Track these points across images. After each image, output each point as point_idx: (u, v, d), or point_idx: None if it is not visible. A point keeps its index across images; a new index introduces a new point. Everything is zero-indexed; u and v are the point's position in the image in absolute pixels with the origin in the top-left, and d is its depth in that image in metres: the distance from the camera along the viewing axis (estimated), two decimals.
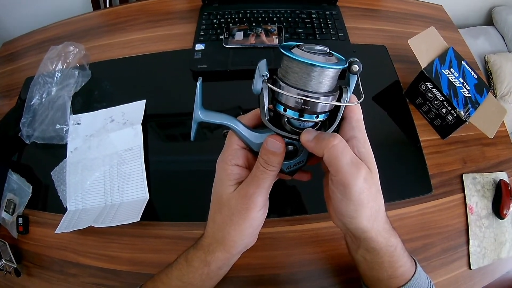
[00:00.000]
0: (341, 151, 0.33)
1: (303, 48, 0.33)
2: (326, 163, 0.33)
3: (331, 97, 0.33)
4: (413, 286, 0.42)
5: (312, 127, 0.36)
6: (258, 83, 0.34)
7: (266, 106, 0.35)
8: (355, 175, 0.33)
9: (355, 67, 0.34)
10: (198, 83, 0.35)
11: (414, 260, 0.45)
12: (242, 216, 0.36)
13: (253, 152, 0.38)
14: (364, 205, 0.34)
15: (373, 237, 0.37)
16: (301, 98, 0.32)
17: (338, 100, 0.35)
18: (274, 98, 0.35)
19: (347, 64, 0.34)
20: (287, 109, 0.34)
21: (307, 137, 0.34)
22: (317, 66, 0.32)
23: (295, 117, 0.34)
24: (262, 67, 0.34)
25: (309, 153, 0.38)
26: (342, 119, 0.37)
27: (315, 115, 0.34)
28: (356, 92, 0.36)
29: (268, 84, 0.34)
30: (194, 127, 0.36)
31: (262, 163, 0.35)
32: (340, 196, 0.34)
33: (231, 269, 0.45)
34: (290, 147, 0.37)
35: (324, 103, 0.33)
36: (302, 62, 0.32)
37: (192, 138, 0.37)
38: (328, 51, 0.34)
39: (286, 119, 0.36)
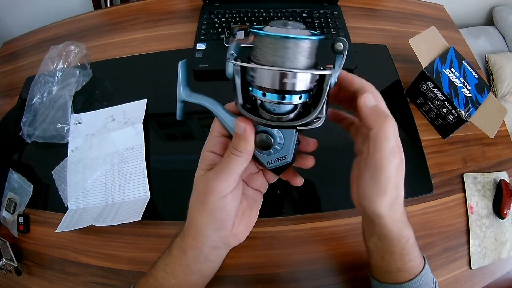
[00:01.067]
0: (392, 134, 0.33)
1: (274, 24, 0.31)
2: (371, 140, 0.34)
3: (311, 70, 0.31)
4: (420, 282, 0.42)
5: (291, 112, 0.33)
6: (229, 65, 0.32)
7: (238, 89, 0.33)
8: (391, 161, 0.33)
9: (339, 45, 0.32)
10: (180, 64, 0.35)
11: (424, 257, 0.45)
12: (202, 201, 0.36)
13: None
14: (387, 192, 0.34)
15: (387, 224, 0.37)
16: (279, 71, 0.30)
17: (320, 81, 0.32)
18: (251, 84, 0.33)
19: (323, 36, 0.31)
20: (266, 93, 0.31)
21: (369, 101, 0.34)
22: (290, 39, 0.29)
23: (275, 100, 0.31)
24: (232, 48, 0.33)
25: (296, 152, 0.37)
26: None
27: (298, 95, 0.31)
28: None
29: (238, 62, 0.31)
30: (178, 106, 0.37)
31: (230, 147, 0.35)
32: (369, 178, 0.35)
33: (231, 268, 0.45)
34: (263, 135, 0.34)
35: (304, 72, 0.30)
36: (274, 37, 0.29)
37: (177, 117, 0.37)
38: (303, 27, 0.31)
39: (259, 103, 0.34)
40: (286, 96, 0.31)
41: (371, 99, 0.35)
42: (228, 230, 0.38)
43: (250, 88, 0.33)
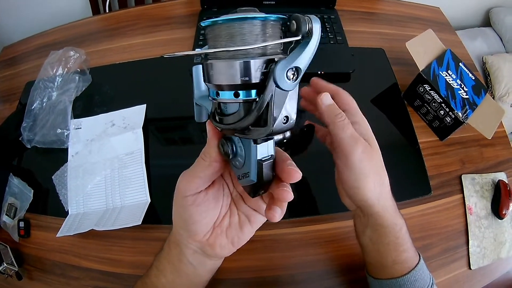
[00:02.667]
0: (345, 125, 0.38)
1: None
2: (331, 134, 0.39)
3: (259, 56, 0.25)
4: (416, 276, 0.43)
5: (236, 113, 0.28)
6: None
7: (194, 86, 0.31)
8: (354, 146, 0.38)
9: (293, 24, 0.25)
10: (194, 68, 0.33)
11: (419, 253, 0.46)
12: (174, 199, 0.36)
13: None
14: (365, 175, 0.39)
15: (379, 212, 0.41)
16: (193, 54, 0.27)
17: (267, 70, 0.25)
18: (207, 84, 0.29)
19: (273, 16, 0.25)
20: (210, 90, 0.28)
21: (325, 100, 0.40)
22: (218, 23, 0.25)
23: (213, 97, 0.28)
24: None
25: (267, 175, 0.30)
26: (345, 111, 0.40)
27: (233, 92, 0.26)
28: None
29: (184, 53, 0.27)
30: (195, 109, 0.35)
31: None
32: (343, 166, 0.39)
33: (232, 270, 0.45)
34: (222, 140, 0.31)
35: (250, 48, 0.25)
36: (217, 22, 0.25)
37: (196, 120, 0.36)
38: (255, 10, 0.26)
39: (216, 105, 0.30)
40: (220, 92, 0.27)
41: (328, 98, 0.40)
42: (197, 235, 0.37)
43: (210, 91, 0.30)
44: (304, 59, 0.25)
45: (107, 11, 1.33)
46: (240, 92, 0.26)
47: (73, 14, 1.35)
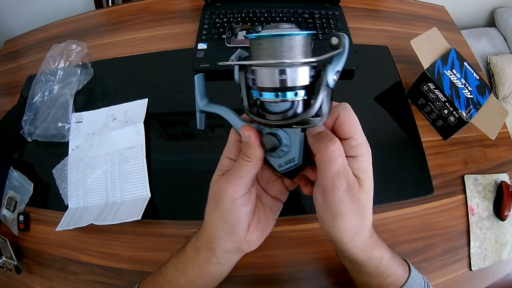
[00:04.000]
0: (333, 157, 0.32)
1: (266, 27, 0.32)
2: (317, 164, 0.33)
3: (304, 65, 0.31)
4: None
5: (289, 110, 0.33)
6: (235, 71, 0.34)
7: (244, 92, 0.34)
8: (337, 185, 0.33)
9: (334, 40, 0.31)
10: (196, 77, 0.38)
11: (408, 265, 0.44)
12: (214, 204, 0.37)
13: None
14: (342, 216, 0.34)
15: (352, 250, 0.37)
16: (268, 64, 0.30)
17: (317, 78, 0.32)
18: (251, 87, 0.33)
19: (308, 32, 0.31)
20: (263, 93, 0.32)
21: (313, 131, 0.34)
22: (276, 36, 0.30)
23: (269, 98, 0.32)
24: (235, 54, 0.34)
25: (307, 155, 0.36)
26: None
27: (293, 92, 0.31)
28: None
29: (236, 62, 0.33)
30: (197, 116, 0.39)
31: (241, 153, 0.36)
32: (320, 199, 0.35)
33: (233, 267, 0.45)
34: (268, 137, 0.35)
35: (294, 62, 0.30)
36: (262, 37, 0.30)
37: (198, 127, 0.39)
38: (292, 26, 0.32)
39: (259, 105, 0.34)
40: (279, 93, 0.31)
41: (316, 128, 0.34)
42: (240, 235, 0.38)
43: (252, 91, 0.34)
44: (342, 64, 0.32)
45: (109, 5, 1.33)
46: (298, 92, 0.31)
47: (76, 8, 1.35)
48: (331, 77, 0.31)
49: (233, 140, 0.38)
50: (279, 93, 0.31)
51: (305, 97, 0.32)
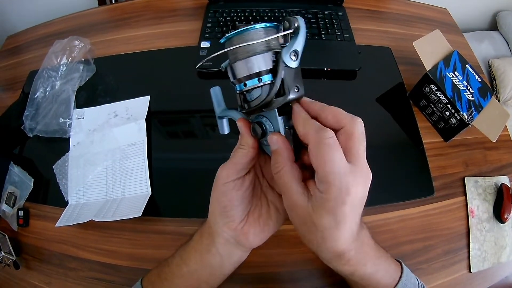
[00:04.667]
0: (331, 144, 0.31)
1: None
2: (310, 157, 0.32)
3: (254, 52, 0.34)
4: None
5: (261, 95, 0.35)
6: (230, 76, 0.37)
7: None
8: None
9: (285, 23, 0.34)
10: (211, 90, 0.42)
11: (401, 265, 0.44)
12: (213, 187, 0.39)
13: None
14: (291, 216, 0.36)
15: (331, 266, 0.38)
16: (231, 49, 0.34)
17: (276, 65, 0.34)
18: (233, 84, 0.37)
19: (270, 24, 0.34)
20: (236, 85, 0.36)
21: (272, 146, 0.35)
22: (236, 35, 0.34)
23: (241, 88, 0.35)
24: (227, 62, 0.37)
25: (295, 139, 0.36)
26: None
27: (257, 79, 0.34)
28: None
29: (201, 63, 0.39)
30: (218, 122, 0.42)
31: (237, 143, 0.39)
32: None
33: None
34: (254, 125, 0.37)
35: (250, 43, 0.33)
36: (228, 38, 0.34)
37: (220, 132, 0.43)
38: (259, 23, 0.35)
39: (242, 98, 0.37)
40: (246, 82, 0.35)
41: (274, 140, 0.35)
42: (234, 222, 0.39)
43: (236, 87, 0.37)
44: (299, 44, 0.34)
45: (112, 2, 1.33)
46: (262, 77, 0.34)
47: (79, 4, 1.34)
48: (287, 56, 0.33)
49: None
50: (246, 81, 0.35)
51: (273, 80, 0.34)
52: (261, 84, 0.34)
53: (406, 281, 0.43)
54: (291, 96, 0.34)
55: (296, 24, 0.33)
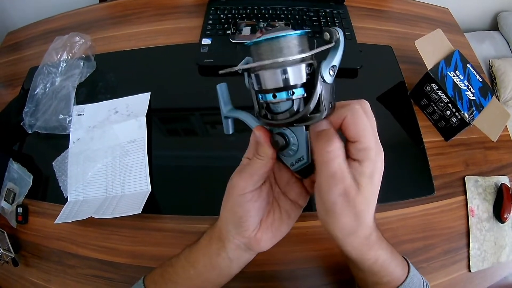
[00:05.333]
0: (329, 159, 0.31)
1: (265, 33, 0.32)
2: (315, 163, 0.33)
3: (293, 63, 0.31)
4: None
5: (291, 108, 0.33)
6: (245, 78, 0.35)
7: (254, 99, 0.36)
8: (332, 187, 0.32)
9: (326, 35, 0.32)
10: (218, 87, 0.39)
11: (408, 264, 0.44)
12: (226, 197, 0.39)
13: None
14: (336, 217, 0.34)
15: (345, 248, 0.37)
16: (252, 66, 0.32)
17: (313, 75, 0.32)
18: (255, 90, 0.35)
19: (300, 32, 0.31)
20: (264, 95, 0.33)
21: (316, 128, 0.33)
22: (267, 40, 0.31)
23: (269, 99, 0.33)
24: (244, 62, 0.35)
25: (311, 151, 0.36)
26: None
27: (289, 91, 0.32)
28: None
29: (243, 66, 0.33)
30: (223, 122, 0.41)
31: (255, 153, 0.37)
32: (317, 194, 0.34)
33: None
34: (276, 137, 0.35)
35: (287, 60, 0.30)
36: (256, 42, 0.31)
37: (225, 132, 0.41)
38: (286, 28, 0.32)
39: (265, 107, 0.35)
40: (276, 93, 0.32)
41: (322, 123, 0.33)
42: (249, 231, 0.38)
43: (258, 95, 0.35)
44: (337, 58, 0.32)
45: None
46: (295, 90, 0.32)
47: (80, 0, 1.34)
48: (326, 72, 0.32)
49: (253, 142, 0.39)
50: (276, 93, 0.32)
51: (304, 95, 0.32)
52: (293, 98, 0.32)
53: (413, 276, 0.43)
54: (327, 113, 0.32)
55: (337, 36, 0.31)
